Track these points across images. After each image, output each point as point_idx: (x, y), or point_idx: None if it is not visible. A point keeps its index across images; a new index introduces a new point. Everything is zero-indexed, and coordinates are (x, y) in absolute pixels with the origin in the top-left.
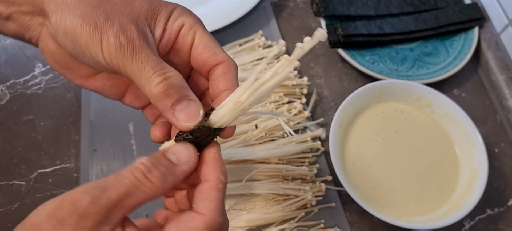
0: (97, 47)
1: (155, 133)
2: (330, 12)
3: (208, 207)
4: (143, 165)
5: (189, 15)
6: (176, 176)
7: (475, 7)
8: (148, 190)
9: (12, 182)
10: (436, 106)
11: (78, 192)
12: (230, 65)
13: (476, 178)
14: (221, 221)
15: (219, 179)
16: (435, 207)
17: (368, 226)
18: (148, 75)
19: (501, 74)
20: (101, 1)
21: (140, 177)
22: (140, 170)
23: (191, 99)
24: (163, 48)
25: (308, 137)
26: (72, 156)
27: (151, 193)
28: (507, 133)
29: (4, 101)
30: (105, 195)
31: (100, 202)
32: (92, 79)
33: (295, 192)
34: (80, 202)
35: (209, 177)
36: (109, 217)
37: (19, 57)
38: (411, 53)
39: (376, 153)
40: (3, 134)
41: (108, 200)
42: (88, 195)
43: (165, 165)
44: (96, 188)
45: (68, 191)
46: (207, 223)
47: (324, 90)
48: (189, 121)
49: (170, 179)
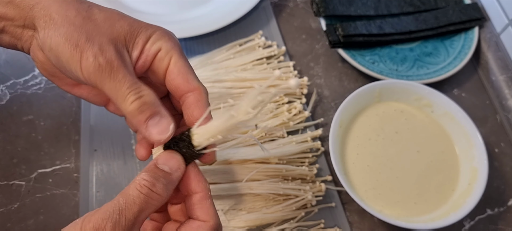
0: (77, 65)
1: (140, 152)
2: (330, 12)
3: (208, 214)
4: (147, 181)
5: (168, 39)
6: (173, 183)
7: (475, 7)
8: (156, 202)
9: (12, 182)
10: (436, 106)
11: (98, 219)
12: (201, 93)
13: (476, 178)
14: (220, 223)
15: (207, 188)
16: (435, 207)
17: (368, 226)
18: (124, 94)
19: (501, 74)
20: (85, 21)
21: (148, 193)
22: (146, 186)
23: (162, 115)
24: (140, 69)
25: (308, 137)
26: (72, 156)
27: (158, 203)
28: (507, 133)
29: (4, 101)
30: (123, 217)
31: (121, 225)
32: (78, 88)
33: (295, 192)
34: (104, 229)
35: (198, 189)
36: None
37: (19, 57)
38: (411, 53)
39: (376, 153)
40: (3, 133)
41: (127, 221)
42: (109, 221)
43: (163, 176)
44: (113, 212)
45: (82, 217)
46: (213, 227)
47: (324, 90)
48: (161, 135)
49: (170, 187)
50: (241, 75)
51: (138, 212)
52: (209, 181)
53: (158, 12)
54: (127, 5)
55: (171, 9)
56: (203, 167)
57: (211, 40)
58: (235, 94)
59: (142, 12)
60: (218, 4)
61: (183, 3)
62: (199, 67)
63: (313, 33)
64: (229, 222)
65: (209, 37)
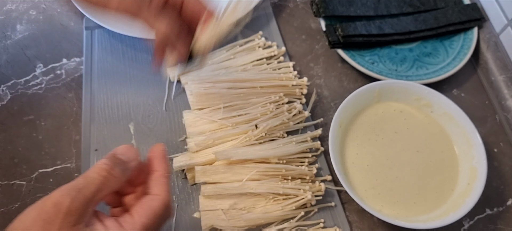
0: None
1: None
2: (330, 13)
3: (162, 189)
4: (107, 165)
5: None
6: (129, 170)
7: (474, 7)
8: (113, 183)
9: (13, 181)
10: (436, 106)
11: (57, 196)
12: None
13: (476, 178)
14: (171, 200)
15: (167, 168)
16: (434, 206)
17: (367, 226)
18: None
19: (501, 75)
20: None
21: (106, 175)
22: (105, 169)
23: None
24: None
25: (308, 137)
26: (72, 156)
27: (115, 185)
28: (506, 132)
29: (5, 101)
30: (81, 194)
31: (79, 200)
32: None
33: (295, 191)
34: (62, 204)
35: (158, 168)
36: (86, 210)
37: (20, 58)
38: (410, 54)
39: (376, 152)
40: (4, 133)
41: (85, 198)
42: (67, 197)
43: (120, 163)
44: (72, 190)
45: (43, 198)
46: (163, 201)
47: (323, 90)
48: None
49: (126, 173)
50: (241, 75)
51: (95, 191)
52: (209, 181)
53: None
54: None
55: None
56: (204, 167)
57: None
58: (236, 94)
59: None
60: (219, 4)
61: None
62: None
63: (313, 34)
64: (229, 221)
65: None
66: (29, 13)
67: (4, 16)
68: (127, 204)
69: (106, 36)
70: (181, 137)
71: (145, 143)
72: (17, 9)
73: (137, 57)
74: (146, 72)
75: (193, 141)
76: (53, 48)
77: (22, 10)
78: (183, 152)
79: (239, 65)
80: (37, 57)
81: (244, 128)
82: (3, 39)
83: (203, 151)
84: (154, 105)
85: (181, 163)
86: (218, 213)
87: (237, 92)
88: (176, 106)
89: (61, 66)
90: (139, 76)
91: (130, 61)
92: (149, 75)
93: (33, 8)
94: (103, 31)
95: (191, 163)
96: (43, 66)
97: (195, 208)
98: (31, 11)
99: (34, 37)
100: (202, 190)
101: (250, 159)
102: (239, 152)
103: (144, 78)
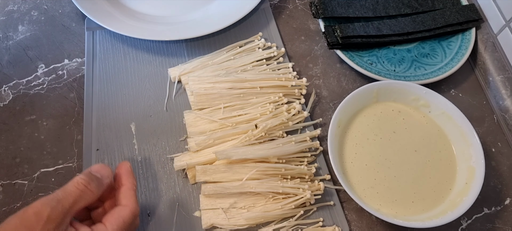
0: None
1: None
2: (329, 14)
3: (130, 200)
4: (84, 180)
5: None
6: (104, 186)
7: (472, 8)
8: (89, 197)
9: (14, 181)
10: (434, 106)
11: (38, 205)
12: None
13: (473, 177)
14: (138, 209)
15: (133, 182)
16: (432, 205)
17: (366, 225)
18: None
19: (498, 75)
20: None
21: (83, 189)
22: (82, 184)
23: None
24: None
25: (307, 137)
26: (74, 156)
27: (90, 199)
28: (504, 132)
29: (7, 102)
30: (60, 204)
31: (58, 210)
32: None
33: (294, 190)
34: (43, 212)
35: (125, 182)
36: (64, 220)
37: (21, 58)
38: (408, 54)
39: (374, 152)
40: (6, 133)
41: (63, 208)
42: (48, 206)
43: (95, 179)
44: (52, 200)
45: (25, 207)
46: (132, 210)
47: (322, 90)
48: None
49: (101, 188)
50: (241, 76)
51: (73, 203)
52: (210, 180)
53: (161, 14)
54: (131, 8)
55: (174, 12)
56: (204, 166)
57: (212, 41)
58: (236, 94)
59: (145, 14)
60: (219, 6)
61: (184, 5)
62: (200, 68)
63: (312, 35)
64: (229, 220)
65: (210, 39)
66: (31, 14)
67: (6, 17)
68: (95, 217)
69: (107, 37)
70: (182, 137)
71: (146, 142)
72: (19, 10)
73: (138, 58)
74: (147, 72)
75: (193, 140)
76: (55, 48)
77: (24, 11)
78: (184, 151)
79: (239, 66)
80: (39, 57)
81: (244, 127)
82: (5, 40)
83: (203, 151)
84: (155, 105)
85: (182, 162)
86: (218, 212)
87: (237, 93)
88: (177, 107)
89: (63, 67)
90: (140, 76)
91: (131, 61)
92: (150, 76)
93: (35, 9)
94: (104, 32)
95: (192, 162)
96: (45, 67)
97: (195, 207)
98: (33, 12)
99: (36, 37)
100: (203, 189)
101: (250, 158)
102: (239, 152)
103: (145, 78)
